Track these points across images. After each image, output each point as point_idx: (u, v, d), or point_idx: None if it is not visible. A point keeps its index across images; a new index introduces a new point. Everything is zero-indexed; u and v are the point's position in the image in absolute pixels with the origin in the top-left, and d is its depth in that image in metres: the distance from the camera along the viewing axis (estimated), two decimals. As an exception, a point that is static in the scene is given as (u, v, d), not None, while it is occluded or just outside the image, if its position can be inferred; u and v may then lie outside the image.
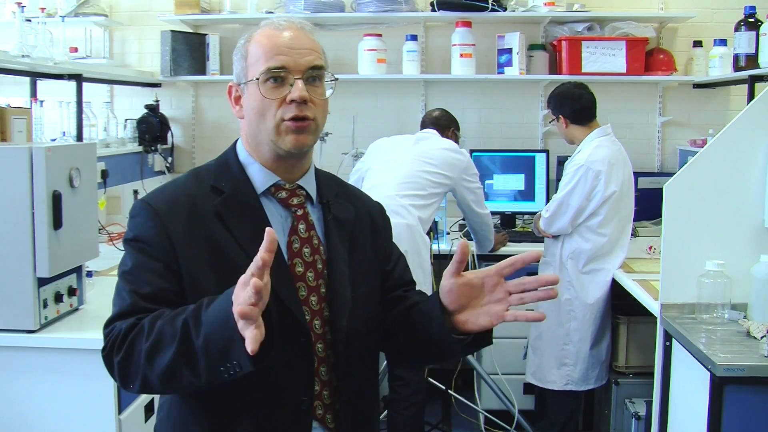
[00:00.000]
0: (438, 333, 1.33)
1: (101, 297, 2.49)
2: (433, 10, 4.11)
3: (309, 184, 1.45)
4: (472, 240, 3.63)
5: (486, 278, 1.29)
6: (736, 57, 3.68)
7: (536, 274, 3.57)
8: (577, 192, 3.23)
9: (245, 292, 1.08)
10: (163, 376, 1.22)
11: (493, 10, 4.06)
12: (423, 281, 3.13)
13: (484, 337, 1.32)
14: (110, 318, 1.33)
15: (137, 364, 1.24)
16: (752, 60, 3.55)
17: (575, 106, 3.35)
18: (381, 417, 3.48)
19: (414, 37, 4.20)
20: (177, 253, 1.31)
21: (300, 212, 1.41)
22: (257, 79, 1.35)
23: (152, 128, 4.24)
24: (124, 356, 1.26)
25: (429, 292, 3.12)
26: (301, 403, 1.34)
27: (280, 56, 1.34)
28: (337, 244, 1.44)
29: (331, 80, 1.40)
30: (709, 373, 2.04)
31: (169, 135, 4.38)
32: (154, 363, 1.22)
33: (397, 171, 3.21)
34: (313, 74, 1.37)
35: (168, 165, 4.39)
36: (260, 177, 1.41)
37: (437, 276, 3.42)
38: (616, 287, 3.24)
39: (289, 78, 1.34)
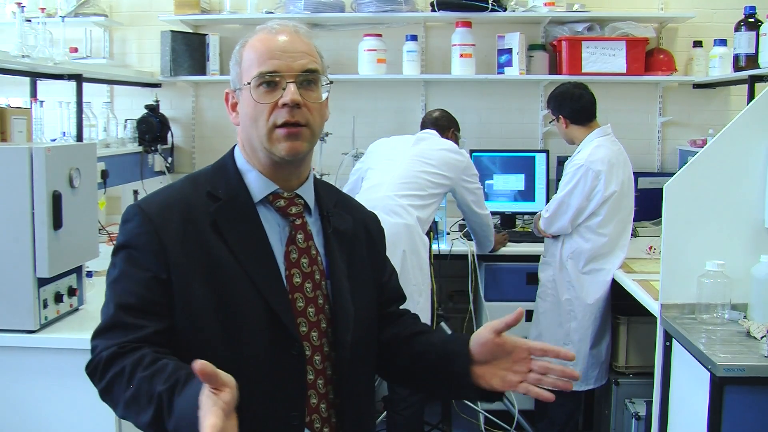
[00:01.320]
0: (458, 377, 1.37)
1: (101, 297, 2.45)
2: (433, 10, 4.11)
3: (307, 193, 1.43)
4: (472, 240, 3.64)
5: (517, 348, 1.35)
6: (736, 57, 3.68)
7: (536, 272, 3.58)
8: (577, 192, 3.23)
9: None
10: (141, 427, 1.24)
11: (493, 10, 4.05)
12: (421, 281, 3.12)
13: (495, 394, 1.38)
14: (97, 329, 1.32)
15: (116, 403, 1.25)
16: (752, 60, 3.55)
17: (575, 107, 3.35)
18: (380, 417, 3.48)
19: (414, 37, 4.20)
20: (168, 262, 1.29)
21: (298, 222, 1.39)
22: (249, 84, 1.33)
23: (152, 128, 4.24)
24: (105, 390, 1.27)
25: (427, 293, 3.16)
26: (292, 417, 1.32)
27: (273, 60, 1.32)
28: (338, 257, 1.42)
29: (327, 84, 1.37)
30: (709, 373, 2.04)
31: (169, 135, 4.38)
32: (131, 416, 1.23)
33: (396, 171, 3.21)
34: (308, 78, 1.34)
35: (168, 165, 4.39)
36: (258, 185, 1.38)
37: (437, 276, 3.43)
38: (616, 287, 3.24)
39: (282, 82, 1.32)
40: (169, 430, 1.16)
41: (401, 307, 1.61)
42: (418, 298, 3.07)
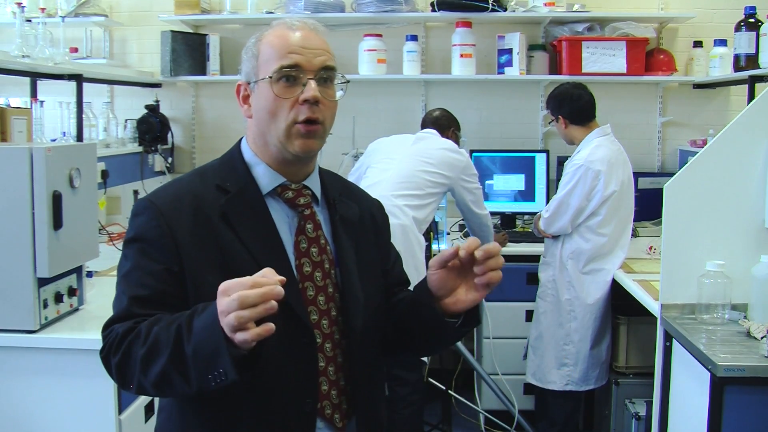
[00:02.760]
0: (430, 318, 1.37)
1: (101, 297, 2.48)
2: (433, 10, 4.11)
3: (314, 184, 1.44)
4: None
5: (462, 267, 1.33)
6: (737, 57, 3.68)
7: (536, 272, 3.58)
8: (577, 192, 3.23)
9: (225, 301, 1.09)
10: (156, 383, 1.22)
11: (493, 10, 4.06)
12: (416, 281, 3.11)
13: (473, 318, 1.37)
14: (108, 321, 1.32)
15: (133, 369, 1.24)
16: (752, 60, 3.55)
17: (574, 107, 3.35)
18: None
19: (414, 38, 4.21)
20: (180, 255, 1.30)
21: (307, 212, 1.40)
22: (270, 77, 1.33)
23: (152, 128, 4.25)
24: (121, 360, 1.26)
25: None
26: (305, 404, 1.33)
27: (294, 55, 1.33)
28: (346, 244, 1.44)
29: (342, 82, 1.39)
30: (709, 374, 2.05)
31: (169, 135, 4.38)
32: (148, 370, 1.21)
33: (395, 170, 3.21)
34: (325, 75, 1.35)
35: (168, 165, 4.39)
36: (266, 177, 1.39)
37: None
38: (616, 287, 3.24)
39: (302, 78, 1.33)
40: (187, 355, 1.16)
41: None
42: (415, 299, 3.07)
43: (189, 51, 4.25)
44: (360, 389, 1.40)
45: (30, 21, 3.25)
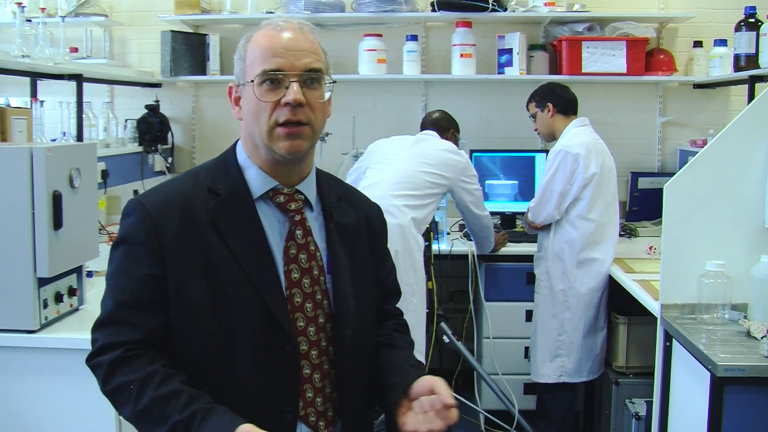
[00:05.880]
0: (388, 409, 1.38)
1: (101, 297, 2.48)
2: (434, 10, 4.11)
3: (308, 189, 1.43)
4: (472, 240, 3.64)
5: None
6: (737, 57, 3.68)
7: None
8: (558, 177, 3.30)
9: None
10: None
11: (493, 10, 4.05)
12: (414, 281, 3.10)
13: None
14: (96, 322, 1.34)
15: (121, 409, 1.28)
16: (752, 60, 3.55)
17: (564, 96, 3.46)
18: (380, 418, 3.48)
19: (414, 38, 4.20)
20: (164, 258, 1.30)
21: (297, 218, 1.39)
22: (252, 81, 1.33)
23: (152, 128, 4.25)
24: (109, 393, 1.30)
25: (421, 293, 3.15)
26: (285, 412, 1.33)
27: (276, 58, 1.32)
28: (340, 252, 1.42)
29: (330, 83, 1.38)
30: (709, 373, 2.05)
31: (169, 135, 4.38)
32: (140, 427, 1.26)
33: (394, 170, 3.21)
34: (311, 77, 1.34)
35: (168, 165, 4.39)
36: (258, 181, 1.38)
37: (437, 276, 3.43)
38: (616, 287, 3.24)
39: (285, 80, 1.32)
40: None
41: (396, 305, 1.62)
42: (411, 298, 3.05)
43: (189, 51, 4.25)
44: (346, 396, 1.39)
45: (30, 21, 3.25)
